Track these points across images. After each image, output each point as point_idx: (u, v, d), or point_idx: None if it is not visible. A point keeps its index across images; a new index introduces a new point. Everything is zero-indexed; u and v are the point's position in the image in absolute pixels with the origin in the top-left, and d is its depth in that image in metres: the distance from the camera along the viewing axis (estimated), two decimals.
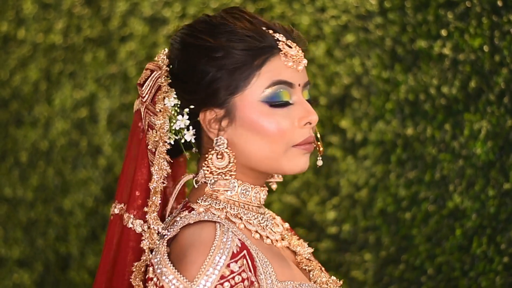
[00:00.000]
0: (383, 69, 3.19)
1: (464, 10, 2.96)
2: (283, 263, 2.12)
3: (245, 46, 2.12)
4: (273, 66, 2.13)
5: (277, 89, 2.12)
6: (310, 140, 2.13)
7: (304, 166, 2.15)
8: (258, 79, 2.13)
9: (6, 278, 4.16)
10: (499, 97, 2.90)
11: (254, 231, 2.13)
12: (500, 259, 2.90)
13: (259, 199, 2.19)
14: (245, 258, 2.01)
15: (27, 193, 4.12)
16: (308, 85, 2.19)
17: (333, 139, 3.34)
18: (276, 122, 2.11)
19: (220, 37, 2.14)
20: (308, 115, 2.12)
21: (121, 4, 3.84)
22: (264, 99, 2.12)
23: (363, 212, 3.25)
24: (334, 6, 3.30)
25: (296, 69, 2.13)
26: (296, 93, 2.14)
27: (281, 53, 2.13)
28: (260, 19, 2.18)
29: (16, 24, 4.09)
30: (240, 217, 2.14)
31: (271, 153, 2.13)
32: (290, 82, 2.12)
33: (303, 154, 2.14)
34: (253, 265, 2.02)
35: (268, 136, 2.12)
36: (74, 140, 4.00)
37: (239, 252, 2.01)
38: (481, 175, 2.94)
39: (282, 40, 2.14)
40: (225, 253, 1.99)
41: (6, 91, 4.13)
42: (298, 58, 2.14)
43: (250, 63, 2.12)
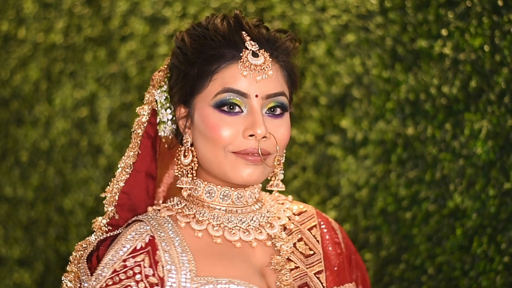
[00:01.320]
0: (383, 69, 3.19)
1: (465, 9, 2.96)
2: (220, 261, 2.15)
3: (207, 49, 2.17)
4: (229, 73, 2.15)
5: (226, 97, 2.14)
6: (250, 151, 2.14)
7: (247, 178, 2.16)
8: (212, 84, 2.16)
9: (7, 277, 4.16)
10: (500, 96, 2.90)
11: (198, 231, 2.18)
12: (500, 259, 2.90)
13: (232, 199, 2.21)
14: (147, 254, 2.13)
15: (27, 192, 4.12)
16: (276, 96, 2.17)
17: (333, 139, 3.34)
18: (219, 127, 2.14)
19: (194, 38, 2.20)
20: (254, 127, 2.13)
21: (122, 3, 3.84)
22: (213, 104, 2.16)
23: (363, 211, 3.25)
24: (334, 6, 3.30)
25: (253, 79, 2.13)
26: (250, 103, 2.14)
27: (240, 61, 2.14)
28: (245, 25, 2.19)
29: (17, 24, 4.09)
30: (193, 216, 2.21)
31: (213, 157, 2.17)
32: (243, 91, 2.14)
33: (245, 164, 2.15)
34: (155, 260, 2.12)
35: (209, 140, 2.16)
36: (75, 139, 4.00)
37: (142, 248, 2.13)
38: (482, 174, 2.94)
39: (250, 48, 2.15)
40: (124, 249, 2.14)
41: (6, 91, 4.13)
42: (261, 68, 2.14)
43: (208, 67, 2.16)
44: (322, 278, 2.21)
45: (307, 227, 2.30)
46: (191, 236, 2.19)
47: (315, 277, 2.20)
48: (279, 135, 2.17)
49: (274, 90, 2.16)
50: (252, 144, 2.14)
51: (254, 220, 2.23)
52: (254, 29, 2.19)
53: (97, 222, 2.27)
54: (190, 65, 2.19)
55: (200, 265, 2.14)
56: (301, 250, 2.24)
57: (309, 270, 2.20)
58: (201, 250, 2.17)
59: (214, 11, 3.59)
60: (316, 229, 2.30)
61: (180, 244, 2.16)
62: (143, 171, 2.30)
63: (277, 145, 2.16)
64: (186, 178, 2.22)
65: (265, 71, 2.15)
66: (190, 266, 2.13)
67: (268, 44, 2.18)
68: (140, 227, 2.19)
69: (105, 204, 2.30)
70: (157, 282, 2.11)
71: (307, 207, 2.36)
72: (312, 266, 2.22)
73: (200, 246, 2.18)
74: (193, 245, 2.17)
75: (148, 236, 2.16)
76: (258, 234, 2.22)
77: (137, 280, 2.10)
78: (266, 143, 2.16)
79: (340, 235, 2.33)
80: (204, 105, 2.17)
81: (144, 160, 2.30)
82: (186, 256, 2.14)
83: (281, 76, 2.19)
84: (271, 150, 2.17)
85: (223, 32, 2.17)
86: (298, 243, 2.26)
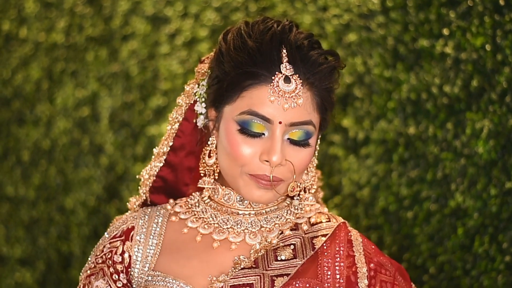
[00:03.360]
0: (385, 68, 3.19)
1: (466, 9, 2.96)
2: (179, 258, 2.19)
3: (242, 65, 2.12)
4: (258, 94, 2.10)
5: (250, 119, 2.11)
6: (263, 177, 2.13)
7: (258, 199, 2.17)
8: (240, 100, 2.13)
9: (8, 277, 4.16)
10: (501, 96, 2.90)
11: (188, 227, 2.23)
12: (502, 258, 2.90)
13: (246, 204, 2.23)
14: (122, 242, 2.23)
15: (29, 192, 4.12)
16: (301, 125, 2.12)
17: (335, 138, 3.34)
18: (239, 145, 2.12)
19: (235, 46, 2.14)
20: (270, 153, 2.10)
21: (123, 3, 3.84)
22: (237, 121, 2.13)
23: (365, 211, 3.25)
24: (336, 5, 3.30)
25: (281, 106, 2.09)
26: (273, 128, 2.10)
27: (270, 85, 2.09)
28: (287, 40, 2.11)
29: (18, 23, 4.09)
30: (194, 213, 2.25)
31: (229, 170, 2.17)
32: (267, 117, 2.10)
33: (257, 187, 2.15)
34: (123, 249, 2.22)
35: (229, 154, 2.15)
36: (76, 139, 4.00)
37: (119, 236, 2.24)
38: (483, 174, 2.94)
39: (284, 72, 2.09)
40: (107, 235, 2.27)
41: (8, 90, 4.14)
42: (290, 96, 2.09)
43: (240, 82, 2.12)
44: (279, 281, 2.15)
45: (311, 235, 2.26)
46: (175, 231, 2.24)
47: (270, 278, 2.16)
48: (297, 162, 2.14)
49: (300, 118, 2.11)
50: (266, 170, 2.12)
51: (253, 225, 2.23)
52: (295, 49, 2.10)
53: (131, 202, 2.36)
54: (225, 73, 2.15)
55: (160, 260, 2.20)
56: (279, 254, 2.19)
57: (269, 272, 2.17)
58: (172, 246, 2.22)
59: (215, 10, 3.60)
60: (322, 238, 2.23)
61: (157, 238, 2.23)
62: (179, 160, 2.31)
63: (294, 171, 2.14)
64: (208, 178, 2.24)
65: (294, 100, 2.09)
66: (152, 259, 2.20)
67: (305, 68, 2.11)
68: (129, 216, 2.28)
69: (140, 185, 2.35)
70: (122, 269, 2.20)
71: (333, 219, 2.27)
72: (276, 269, 2.17)
73: (175, 241, 2.22)
74: (169, 239, 2.23)
75: (130, 224, 2.25)
76: (251, 238, 2.21)
77: (109, 264, 2.21)
78: (281, 170, 2.13)
79: (357, 249, 2.23)
80: (229, 117, 2.15)
81: (180, 150, 2.30)
82: (154, 250, 2.21)
83: (311, 103, 2.13)
84: (285, 176, 2.15)
85: (263, 48, 2.10)
86: (284, 248, 2.21)
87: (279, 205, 2.27)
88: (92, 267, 2.22)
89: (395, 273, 2.25)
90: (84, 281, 2.22)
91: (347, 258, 2.21)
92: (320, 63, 2.13)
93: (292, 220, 2.25)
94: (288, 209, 2.27)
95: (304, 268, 2.17)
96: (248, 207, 2.24)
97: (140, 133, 3.85)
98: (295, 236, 2.23)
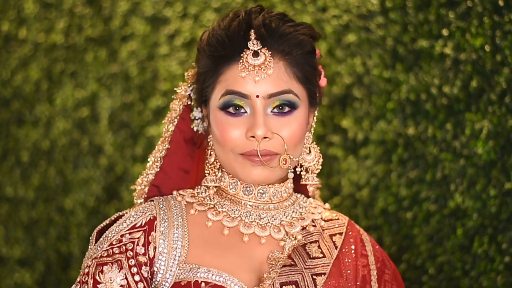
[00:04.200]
0: (384, 69, 3.19)
1: (466, 9, 2.96)
2: (213, 251, 2.16)
3: (212, 52, 2.18)
4: (231, 74, 2.15)
5: (229, 99, 2.15)
6: (253, 153, 2.14)
7: (256, 178, 2.18)
8: (218, 86, 2.18)
9: (8, 277, 4.16)
10: (501, 96, 2.90)
11: (211, 220, 2.20)
12: (501, 259, 2.91)
13: (254, 194, 2.22)
14: (144, 232, 2.16)
15: (28, 192, 4.12)
16: (280, 95, 2.15)
17: (334, 139, 3.34)
18: (224, 129, 2.16)
19: (206, 39, 2.21)
20: (253, 128, 2.13)
21: (122, 3, 3.84)
22: (219, 106, 2.17)
23: (364, 211, 3.25)
24: (335, 6, 3.31)
25: (252, 80, 2.12)
26: (252, 104, 2.14)
27: (239, 63, 2.13)
28: (254, 21, 2.17)
29: (18, 24, 4.09)
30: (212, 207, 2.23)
31: (225, 159, 2.20)
32: (243, 93, 2.14)
33: (252, 166, 2.16)
34: (148, 240, 2.15)
35: (220, 142, 2.18)
36: (75, 139, 4.00)
37: (141, 226, 2.17)
38: (483, 174, 2.94)
39: (252, 48, 2.14)
40: (124, 224, 2.18)
41: (7, 91, 4.14)
42: (260, 68, 2.12)
43: (214, 69, 2.18)
44: (319, 280, 2.18)
45: (330, 233, 2.28)
46: (198, 224, 2.21)
47: (311, 277, 2.18)
48: (286, 134, 2.15)
49: (276, 89, 2.14)
50: (255, 145, 2.14)
51: (276, 218, 2.23)
52: (262, 27, 2.16)
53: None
54: (203, 67, 2.21)
55: (191, 252, 2.16)
56: (310, 251, 2.22)
57: (307, 270, 2.19)
58: (200, 238, 2.18)
59: (215, 11, 3.60)
60: (340, 237, 2.28)
61: (182, 229, 2.18)
62: (174, 165, 2.31)
63: (284, 143, 2.16)
64: (210, 176, 2.24)
65: (264, 71, 2.13)
66: (181, 251, 2.15)
67: (274, 40, 2.15)
68: (146, 206, 2.23)
69: (135, 196, 2.34)
70: (146, 261, 2.14)
71: (340, 216, 2.33)
72: (313, 267, 2.20)
73: (201, 234, 2.20)
74: (195, 232, 2.19)
75: (150, 215, 2.20)
76: (275, 233, 2.21)
77: (128, 256, 2.14)
78: (271, 143, 2.14)
79: (369, 248, 2.30)
80: (214, 107, 2.19)
81: (175, 155, 2.31)
82: (181, 242, 2.16)
83: (285, 73, 2.16)
84: (278, 150, 2.16)
85: (231, 32, 2.17)
86: (310, 244, 2.24)
87: (290, 198, 2.28)
88: (104, 255, 2.15)
89: (394, 272, 2.29)
90: (93, 269, 2.14)
91: (362, 257, 2.27)
92: (289, 32, 2.18)
93: (306, 214, 2.27)
94: (298, 203, 2.28)
95: (334, 267, 2.22)
96: (267, 201, 2.23)
97: (139, 134, 3.85)
98: (316, 233, 2.27)
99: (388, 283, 2.29)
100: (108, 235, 2.20)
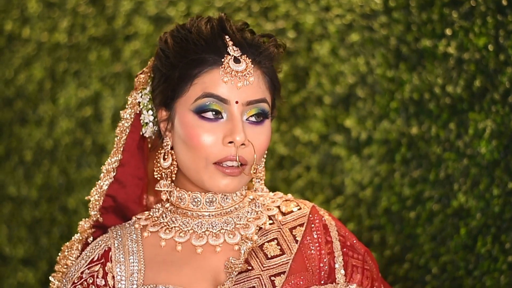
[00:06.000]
0: (387, 68, 3.19)
1: (469, 9, 2.96)
2: (169, 268, 2.16)
3: (189, 53, 2.15)
4: (210, 78, 2.13)
5: (206, 102, 2.13)
6: (230, 158, 2.13)
7: (224, 188, 2.16)
8: (192, 88, 2.15)
9: (11, 276, 4.17)
10: (504, 96, 2.90)
11: (163, 239, 2.20)
12: (504, 258, 2.90)
13: (203, 203, 2.21)
14: (101, 265, 2.19)
15: (31, 191, 4.12)
16: (257, 103, 2.15)
17: (337, 138, 3.34)
18: (199, 134, 2.13)
19: (177, 41, 2.18)
20: (232, 134, 2.11)
21: (126, 3, 3.84)
22: (193, 109, 2.14)
23: (367, 211, 3.25)
24: (338, 5, 3.30)
25: (234, 86, 2.12)
26: (230, 109, 2.13)
27: (221, 67, 2.12)
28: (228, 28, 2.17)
29: (21, 23, 4.09)
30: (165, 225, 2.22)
31: (193, 165, 2.16)
32: (223, 97, 2.12)
33: (222, 176, 2.15)
34: (105, 271, 2.18)
35: (191, 147, 2.15)
36: (79, 139, 4.00)
37: (98, 259, 2.20)
38: (486, 174, 2.94)
39: (232, 54, 2.13)
40: (82, 261, 2.22)
41: (10, 90, 4.14)
42: (243, 75, 2.12)
43: (190, 71, 2.15)
44: (278, 281, 2.15)
45: (289, 227, 2.26)
46: (152, 245, 2.21)
47: (269, 279, 2.16)
48: (258, 143, 2.15)
49: (255, 96, 2.15)
50: (232, 151, 2.13)
51: (229, 223, 2.22)
52: (237, 34, 2.17)
53: (81, 226, 2.34)
54: (171, 68, 2.17)
55: (148, 274, 2.17)
56: (267, 251, 2.19)
57: (265, 272, 2.17)
58: (155, 259, 2.19)
59: (218, 10, 3.60)
60: (301, 228, 2.25)
61: (137, 254, 2.19)
62: (128, 174, 2.30)
63: (254, 153, 2.16)
64: (165, 181, 2.22)
65: (246, 78, 2.13)
66: (138, 275, 2.16)
67: (251, 50, 2.16)
68: (102, 238, 2.25)
69: (89, 207, 2.34)
70: None
71: (303, 205, 2.30)
72: (271, 268, 2.17)
73: (156, 255, 2.20)
74: (149, 254, 2.20)
75: (105, 246, 2.22)
76: (230, 238, 2.20)
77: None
78: (244, 151, 2.14)
79: (334, 234, 2.28)
80: (184, 109, 2.16)
81: (128, 164, 2.30)
82: (138, 266, 2.18)
83: (263, 82, 2.17)
84: (248, 158, 2.15)
85: (206, 36, 2.15)
86: (267, 243, 2.21)
87: (244, 200, 2.27)
88: None
89: (364, 255, 2.28)
90: None
91: (326, 244, 2.24)
92: (263, 43, 2.19)
93: (263, 212, 2.25)
94: (254, 203, 2.27)
95: (295, 263, 2.19)
96: (218, 207, 2.22)
97: None
98: (274, 230, 2.24)
99: (359, 268, 2.27)
100: (69, 275, 2.23)
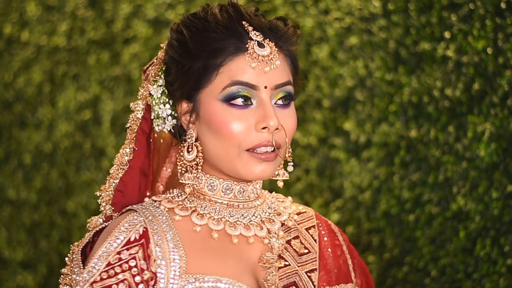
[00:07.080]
0: (386, 71, 3.19)
1: (468, 12, 2.96)
2: (212, 257, 2.10)
3: (210, 42, 2.12)
4: (236, 65, 2.11)
5: (235, 90, 2.10)
6: (265, 144, 2.10)
7: (260, 175, 2.12)
8: (219, 77, 2.12)
9: (10, 280, 4.16)
10: (503, 99, 2.90)
11: (198, 225, 2.13)
12: (503, 261, 2.91)
13: (234, 193, 2.18)
14: (141, 246, 2.07)
15: (30, 195, 4.12)
16: (284, 86, 2.13)
17: (336, 141, 3.34)
18: (229, 122, 2.10)
19: (194, 30, 2.15)
20: (266, 119, 2.09)
21: (125, 6, 3.85)
22: (222, 98, 2.11)
23: (366, 214, 3.25)
24: (337, 8, 3.31)
25: (262, 71, 2.11)
26: (259, 95, 2.11)
27: (246, 53, 2.11)
28: (245, 14, 2.14)
29: (20, 26, 4.09)
30: (194, 210, 2.16)
31: (225, 154, 2.13)
32: (252, 83, 2.10)
33: (258, 162, 2.12)
34: (147, 254, 2.06)
35: (221, 136, 2.12)
36: (78, 142, 4.00)
37: (136, 240, 2.08)
38: (485, 177, 2.95)
39: (255, 39, 2.12)
40: (118, 240, 2.08)
41: (9, 93, 4.14)
42: (269, 59, 2.11)
43: (214, 60, 2.12)
44: (314, 277, 2.17)
45: (305, 226, 2.27)
46: (186, 230, 2.14)
47: (306, 275, 2.17)
48: (288, 127, 2.13)
49: (282, 80, 2.13)
50: (266, 136, 2.10)
51: (256, 216, 2.21)
52: (255, 18, 2.15)
53: (92, 222, 2.26)
54: (192, 59, 2.13)
55: (190, 262, 2.09)
56: (296, 248, 2.20)
57: (301, 268, 2.17)
58: (194, 245, 2.12)
59: None
60: (314, 230, 2.26)
61: (173, 238, 2.11)
62: (137, 168, 2.25)
63: (286, 136, 2.14)
64: (189, 174, 2.18)
65: (272, 62, 2.11)
66: (180, 262, 2.08)
67: (272, 34, 2.14)
68: (134, 217, 2.13)
69: (101, 202, 2.27)
70: (151, 276, 2.06)
71: (306, 209, 2.32)
72: (305, 264, 2.19)
73: (193, 241, 2.13)
74: (186, 239, 2.12)
75: (142, 227, 2.10)
76: (258, 231, 2.18)
77: (133, 274, 2.05)
78: (278, 135, 2.12)
79: (340, 238, 2.31)
80: (211, 99, 2.13)
81: (138, 157, 2.25)
82: (178, 252, 2.09)
83: (286, 65, 2.15)
84: (282, 142, 2.13)
85: (224, 23, 2.12)
86: (293, 240, 2.21)
87: (263, 194, 2.27)
88: (105, 277, 2.05)
89: (360, 261, 2.31)
90: None
91: (336, 247, 2.26)
92: (281, 27, 2.17)
93: (281, 210, 2.26)
94: (270, 199, 2.27)
95: (321, 261, 2.21)
96: (246, 198, 2.20)
97: None
98: (294, 228, 2.24)
99: (359, 269, 2.31)
100: (102, 255, 2.09)
